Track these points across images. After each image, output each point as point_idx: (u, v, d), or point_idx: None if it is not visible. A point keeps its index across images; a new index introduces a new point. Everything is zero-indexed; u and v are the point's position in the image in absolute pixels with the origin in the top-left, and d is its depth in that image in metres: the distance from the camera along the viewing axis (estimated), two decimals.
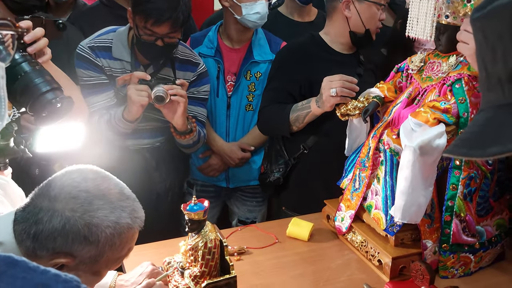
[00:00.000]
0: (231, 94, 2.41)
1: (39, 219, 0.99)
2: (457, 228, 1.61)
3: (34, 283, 0.69)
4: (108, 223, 1.02)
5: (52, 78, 1.20)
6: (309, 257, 1.75)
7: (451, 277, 1.64)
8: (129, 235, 1.07)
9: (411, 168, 1.51)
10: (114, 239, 1.03)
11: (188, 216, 1.43)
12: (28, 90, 1.15)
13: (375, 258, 1.68)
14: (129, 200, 1.09)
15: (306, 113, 2.01)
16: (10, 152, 1.26)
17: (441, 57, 1.68)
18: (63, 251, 0.99)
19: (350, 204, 1.80)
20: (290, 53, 2.19)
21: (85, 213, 1.00)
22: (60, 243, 0.98)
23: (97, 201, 1.02)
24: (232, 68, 2.41)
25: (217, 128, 2.46)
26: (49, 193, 1.02)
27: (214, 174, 2.50)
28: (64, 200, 1.00)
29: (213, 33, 2.43)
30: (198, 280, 1.42)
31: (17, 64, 1.17)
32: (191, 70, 2.20)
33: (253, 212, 2.59)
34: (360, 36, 2.09)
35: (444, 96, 1.59)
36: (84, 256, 1.01)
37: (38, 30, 1.27)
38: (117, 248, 1.05)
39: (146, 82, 1.98)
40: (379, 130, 1.73)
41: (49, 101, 1.15)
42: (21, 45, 1.21)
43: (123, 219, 1.04)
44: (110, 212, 1.03)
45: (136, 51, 2.09)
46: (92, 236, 1.00)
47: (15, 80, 1.15)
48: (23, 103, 1.17)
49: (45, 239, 0.98)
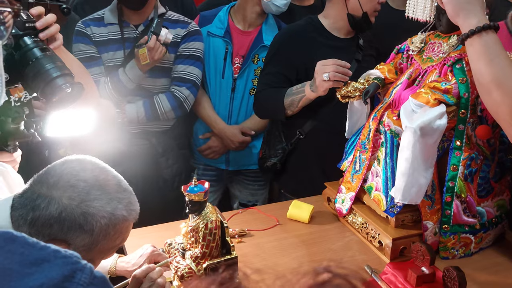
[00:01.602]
0: (237, 76, 2.41)
1: (37, 205, 1.00)
2: (457, 209, 1.61)
3: (33, 258, 0.69)
4: (104, 213, 1.03)
5: (63, 64, 1.22)
6: (310, 239, 1.76)
7: (451, 257, 1.65)
8: (124, 226, 1.09)
9: (412, 149, 1.51)
10: (109, 229, 1.04)
11: (188, 197, 1.43)
12: (39, 76, 1.17)
13: (376, 240, 1.68)
14: (126, 192, 1.11)
15: (301, 97, 2.01)
16: (20, 136, 1.29)
17: (442, 38, 1.66)
18: (58, 238, 1.00)
19: (350, 186, 1.80)
20: (288, 37, 2.18)
21: (82, 202, 1.01)
22: (56, 230, 1.00)
23: (95, 191, 1.04)
24: (240, 50, 2.41)
25: (220, 109, 2.47)
26: (47, 180, 1.03)
27: (214, 156, 2.51)
28: (62, 188, 1.02)
29: (224, 14, 2.44)
30: (199, 261, 1.43)
31: (29, 49, 1.19)
32: (181, 27, 2.30)
33: (254, 196, 2.60)
34: (358, 19, 2.07)
35: (445, 77, 1.59)
36: (78, 244, 1.02)
37: (49, 16, 1.29)
38: (111, 238, 1.06)
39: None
40: (380, 111, 1.72)
41: (59, 86, 1.17)
42: (33, 31, 1.23)
43: (119, 210, 1.06)
44: (106, 203, 1.04)
45: (124, 10, 2.24)
46: (87, 225, 1.01)
47: (26, 65, 1.17)
48: (34, 88, 1.19)
49: (41, 226, 0.99)
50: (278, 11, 2.35)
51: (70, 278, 0.70)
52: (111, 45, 2.24)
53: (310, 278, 0.52)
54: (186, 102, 2.29)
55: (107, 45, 2.23)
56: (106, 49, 2.22)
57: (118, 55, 2.24)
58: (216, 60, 2.42)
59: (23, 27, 1.21)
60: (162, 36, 2.14)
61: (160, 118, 2.28)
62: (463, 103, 1.55)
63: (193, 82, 2.29)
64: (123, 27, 2.25)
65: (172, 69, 2.29)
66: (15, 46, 1.18)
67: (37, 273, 0.67)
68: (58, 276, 0.68)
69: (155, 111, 2.26)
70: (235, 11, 2.44)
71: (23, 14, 1.21)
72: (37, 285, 0.67)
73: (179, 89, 2.27)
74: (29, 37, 1.20)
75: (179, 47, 2.27)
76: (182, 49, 2.28)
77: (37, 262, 0.69)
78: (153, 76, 2.26)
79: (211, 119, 2.44)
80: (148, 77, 2.24)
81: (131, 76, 2.19)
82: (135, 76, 2.20)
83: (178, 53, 2.28)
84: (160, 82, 2.30)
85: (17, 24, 1.19)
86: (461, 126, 1.57)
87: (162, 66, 2.25)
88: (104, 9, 2.28)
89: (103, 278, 0.74)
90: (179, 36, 2.27)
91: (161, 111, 2.26)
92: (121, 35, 2.24)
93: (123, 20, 2.25)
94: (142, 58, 2.13)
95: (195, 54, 2.29)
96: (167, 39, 2.16)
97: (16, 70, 1.18)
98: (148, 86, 2.28)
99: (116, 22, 2.24)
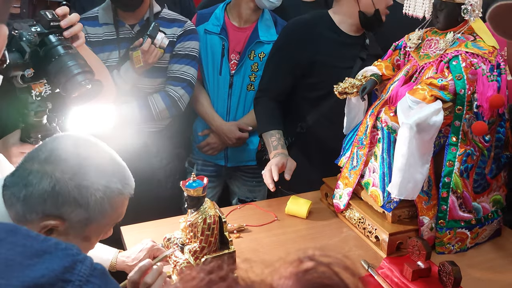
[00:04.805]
0: (234, 73, 2.42)
1: (29, 181, 0.98)
2: (453, 204, 1.62)
3: (34, 249, 0.70)
4: (98, 186, 1.01)
5: (84, 62, 1.28)
6: (308, 234, 1.78)
7: (447, 252, 1.67)
8: (119, 200, 1.06)
9: (408, 145, 1.52)
10: (104, 203, 1.02)
11: (187, 192, 1.44)
12: (62, 72, 1.23)
13: (373, 235, 1.70)
14: (120, 166, 1.09)
15: (268, 149, 2.09)
16: (42, 129, 1.33)
17: (439, 34, 1.68)
18: (52, 214, 0.98)
19: (348, 182, 1.82)
20: (295, 30, 2.17)
21: (76, 175, 0.99)
22: (50, 205, 0.98)
23: (88, 165, 1.02)
24: (237, 47, 2.42)
25: (219, 106, 2.47)
26: (39, 156, 1.01)
27: (213, 153, 2.52)
28: (54, 162, 1.00)
29: (220, 11, 2.44)
30: (197, 255, 1.44)
31: (53, 47, 1.26)
32: (177, 26, 2.29)
33: (253, 192, 2.61)
34: (369, 16, 2.06)
35: (442, 73, 1.60)
36: (74, 220, 1.00)
37: (73, 16, 1.34)
38: (107, 214, 1.04)
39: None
40: (377, 108, 1.74)
41: (79, 82, 1.23)
42: (58, 30, 1.29)
43: (114, 184, 1.04)
44: (100, 177, 1.03)
45: (119, 11, 2.22)
46: (82, 198, 0.99)
47: (50, 62, 1.24)
48: (56, 83, 1.25)
49: (34, 202, 0.97)
50: (272, 6, 2.34)
51: (70, 269, 0.71)
52: (106, 46, 2.22)
53: (295, 266, 0.53)
54: (181, 101, 2.29)
55: (102, 45, 2.21)
56: (101, 50, 2.20)
57: (113, 56, 2.23)
58: (214, 57, 2.42)
59: (48, 26, 1.28)
60: (158, 40, 2.13)
61: (155, 118, 2.28)
62: (460, 100, 1.56)
63: (188, 81, 2.29)
64: (118, 27, 2.23)
65: (168, 68, 2.29)
66: (40, 43, 1.25)
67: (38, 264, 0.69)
68: (59, 268, 0.70)
69: (150, 111, 2.25)
70: (230, 8, 2.44)
71: (48, 13, 1.28)
72: (38, 276, 0.68)
73: (174, 89, 2.27)
74: (54, 35, 1.28)
75: (175, 46, 2.26)
76: (178, 48, 2.27)
77: (38, 253, 0.70)
78: (149, 76, 2.25)
79: (208, 116, 2.46)
80: (143, 77, 2.24)
81: (126, 77, 2.19)
82: (130, 78, 2.19)
83: (174, 52, 2.27)
84: (156, 82, 2.29)
85: (42, 22, 1.27)
86: (457, 122, 1.59)
87: (158, 66, 2.25)
88: (97, 7, 2.26)
89: (103, 269, 0.76)
90: (175, 35, 2.26)
91: (156, 110, 2.26)
92: (117, 36, 2.23)
93: (118, 19, 2.23)
94: (136, 61, 2.13)
95: (191, 53, 2.30)
96: (163, 43, 2.15)
97: (40, 66, 1.24)
98: (144, 86, 2.27)
99: (111, 22, 2.22)
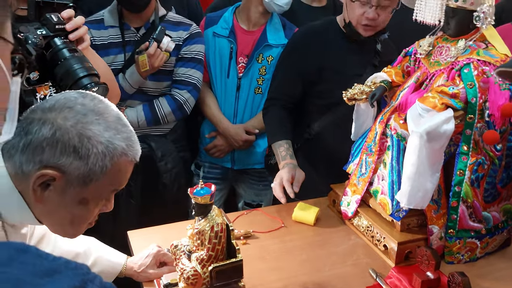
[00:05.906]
0: (242, 76, 2.42)
1: (29, 129, 0.95)
2: (463, 213, 1.61)
3: (44, 268, 0.69)
4: (101, 139, 0.97)
5: (90, 65, 1.28)
6: (315, 241, 1.76)
7: (456, 262, 1.65)
8: (122, 162, 1.01)
9: (418, 153, 1.50)
10: (105, 160, 0.98)
11: (195, 200, 1.43)
12: (68, 75, 1.25)
13: (381, 243, 1.68)
14: (126, 127, 1.04)
15: (277, 159, 2.06)
16: None
17: (450, 41, 1.66)
18: (50, 165, 0.95)
19: (356, 189, 1.80)
20: (304, 38, 2.17)
21: (78, 123, 0.96)
22: (48, 154, 0.94)
23: (93, 115, 0.98)
24: (245, 50, 2.42)
25: (226, 109, 2.48)
26: (43, 105, 0.98)
27: (220, 155, 2.53)
28: (57, 109, 0.97)
29: (229, 14, 2.46)
30: (205, 263, 1.43)
31: (59, 50, 1.26)
32: (183, 29, 2.30)
33: (259, 196, 2.61)
34: (348, 28, 2.05)
35: (453, 81, 1.58)
36: (73, 173, 0.96)
37: (78, 18, 1.34)
38: (108, 174, 0.99)
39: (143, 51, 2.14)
40: (386, 115, 1.72)
41: (85, 85, 1.24)
42: (63, 33, 1.30)
43: (118, 141, 0.99)
44: (104, 130, 0.98)
45: (124, 12, 2.22)
46: (82, 148, 0.95)
47: (56, 65, 1.25)
48: (63, 86, 1.26)
49: (33, 151, 0.94)
50: (280, 10, 2.35)
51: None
52: (112, 49, 2.22)
53: None
54: (186, 104, 2.29)
55: (107, 48, 2.21)
56: (107, 53, 2.20)
57: (119, 59, 2.23)
58: (222, 60, 2.42)
59: (53, 29, 1.27)
60: (164, 44, 2.12)
61: (161, 121, 2.29)
62: (471, 108, 1.54)
63: (194, 85, 2.29)
64: (123, 30, 2.23)
65: (173, 72, 2.29)
66: (46, 46, 1.25)
67: (49, 284, 0.67)
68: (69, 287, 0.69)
69: (156, 115, 2.26)
70: (239, 11, 2.45)
71: (53, 16, 1.28)
72: None
73: (179, 92, 2.28)
74: (59, 38, 1.28)
75: (180, 50, 2.26)
76: (184, 51, 2.28)
77: (49, 273, 0.69)
78: (154, 80, 2.26)
79: (216, 118, 2.46)
80: (149, 80, 2.24)
81: (131, 81, 2.19)
82: (135, 82, 2.19)
83: (180, 56, 2.27)
84: (162, 85, 2.30)
85: (48, 25, 1.26)
86: (468, 131, 1.57)
87: (164, 70, 2.24)
88: (103, 10, 2.26)
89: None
90: (181, 38, 2.27)
91: (161, 114, 2.26)
92: (122, 39, 2.22)
93: (123, 22, 2.23)
94: (142, 65, 2.12)
95: (196, 57, 2.30)
96: (169, 47, 2.14)
97: (46, 69, 1.25)
98: (149, 89, 2.28)
99: (117, 25, 2.22)
